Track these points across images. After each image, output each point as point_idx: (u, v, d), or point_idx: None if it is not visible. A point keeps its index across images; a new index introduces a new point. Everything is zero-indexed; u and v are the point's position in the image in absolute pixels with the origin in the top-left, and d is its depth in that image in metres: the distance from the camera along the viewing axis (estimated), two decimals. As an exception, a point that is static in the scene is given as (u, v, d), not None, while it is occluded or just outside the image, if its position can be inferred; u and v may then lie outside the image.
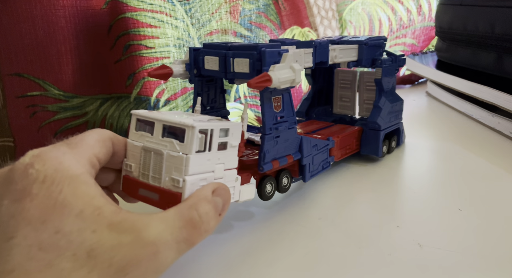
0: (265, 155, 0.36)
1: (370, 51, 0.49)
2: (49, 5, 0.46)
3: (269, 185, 0.38)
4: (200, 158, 0.29)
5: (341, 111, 0.58)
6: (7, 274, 0.21)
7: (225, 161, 0.32)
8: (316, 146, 0.43)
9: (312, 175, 0.43)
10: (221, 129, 0.31)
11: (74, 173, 0.25)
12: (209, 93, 0.41)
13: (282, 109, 0.37)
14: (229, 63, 0.36)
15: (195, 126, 0.29)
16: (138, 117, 0.32)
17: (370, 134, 0.50)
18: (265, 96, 0.35)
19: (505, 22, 0.55)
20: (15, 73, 0.47)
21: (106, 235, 0.23)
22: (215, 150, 0.31)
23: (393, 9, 0.78)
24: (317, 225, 0.39)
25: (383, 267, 0.32)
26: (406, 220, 0.38)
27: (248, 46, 0.35)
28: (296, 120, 0.39)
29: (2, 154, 0.48)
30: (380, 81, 0.50)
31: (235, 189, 0.34)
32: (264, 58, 0.34)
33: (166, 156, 0.29)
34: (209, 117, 0.34)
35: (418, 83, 0.81)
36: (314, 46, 0.41)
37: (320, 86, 0.57)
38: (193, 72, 0.39)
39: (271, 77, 0.33)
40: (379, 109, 0.49)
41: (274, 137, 0.37)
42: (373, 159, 0.51)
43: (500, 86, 0.55)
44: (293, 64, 0.34)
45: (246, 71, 0.35)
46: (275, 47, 0.35)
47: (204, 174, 0.30)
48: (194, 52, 0.38)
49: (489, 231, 0.35)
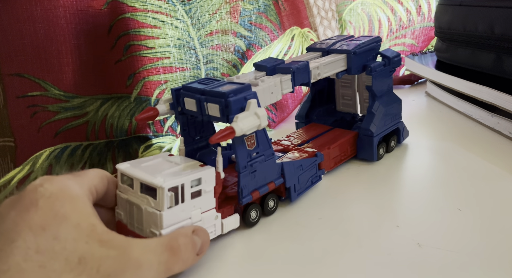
0: (243, 190, 0.37)
1: (360, 58, 0.48)
2: (49, 5, 0.47)
3: (254, 212, 0.39)
4: (173, 212, 0.32)
5: (344, 109, 0.58)
6: (3, 273, 0.23)
7: (202, 206, 0.35)
8: (301, 166, 0.43)
9: (299, 193, 0.43)
10: (193, 180, 0.33)
11: (76, 194, 0.28)
12: (196, 125, 0.43)
13: (256, 145, 0.38)
14: (204, 107, 0.37)
15: (163, 187, 0.31)
16: (121, 172, 0.35)
17: (365, 140, 0.50)
18: (236, 140, 0.36)
19: (505, 22, 0.55)
20: (15, 73, 0.47)
21: (96, 248, 0.26)
22: (188, 200, 0.33)
23: (393, 10, 0.78)
24: (317, 225, 0.39)
25: (382, 266, 0.32)
26: (406, 220, 0.38)
27: (217, 93, 0.36)
28: (273, 151, 0.40)
29: (2, 154, 0.49)
30: (371, 88, 0.49)
31: (216, 226, 0.36)
32: (229, 106, 0.35)
33: (144, 211, 0.33)
34: (187, 164, 0.35)
35: (418, 83, 0.81)
36: (292, 73, 0.41)
37: (321, 86, 0.57)
38: (177, 110, 0.41)
39: (234, 129, 0.34)
40: (372, 115, 0.49)
41: (250, 173, 0.38)
42: (366, 162, 0.51)
43: (500, 86, 0.55)
44: (257, 110, 0.36)
45: (217, 115, 0.36)
46: (243, 91, 0.36)
47: (181, 223, 0.33)
48: (176, 92, 0.40)
49: (488, 231, 0.36)
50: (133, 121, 0.54)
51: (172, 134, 0.56)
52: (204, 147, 0.43)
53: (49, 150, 0.50)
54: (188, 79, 0.56)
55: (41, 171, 0.50)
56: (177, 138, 0.57)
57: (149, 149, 0.55)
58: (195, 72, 0.57)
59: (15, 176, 0.49)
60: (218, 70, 0.59)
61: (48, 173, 0.50)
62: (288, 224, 0.39)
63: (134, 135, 0.54)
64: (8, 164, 0.49)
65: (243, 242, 0.37)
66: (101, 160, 0.53)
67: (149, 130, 0.55)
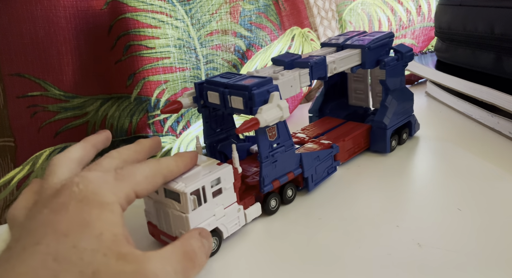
0: (264, 179, 0.39)
1: (374, 53, 0.49)
2: (49, 5, 0.47)
3: (273, 201, 0.41)
4: (198, 212, 0.34)
5: (356, 103, 0.59)
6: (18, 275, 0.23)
7: (224, 202, 0.36)
8: (318, 157, 0.44)
9: (316, 183, 0.45)
10: (212, 181, 0.35)
11: (107, 201, 0.28)
12: (217, 118, 0.44)
13: (277, 136, 0.39)
14: (227, 99, 0.38)
15: (186, 192, 0.32)
16: None
17: (378, 133, 0.51)
18: (258, 131, 0.38)
19: (505, 22, 0.55)
20: (15, 73, 0.47)
21: (113, 262, 0.25)
22: (210, 199, 0.35)
23: (393, 10, 0.78)
24: (317, 225, 0.39)
25: (382, 266, 0.32)
26: (406, 220, 0.38)
27: (241, 86, 0.37)
28: (293, 142, 0.41)
29: (2, 154, 0.49)
30: (385, 82, 0.50)
31: (240, 217, 0.38)
32: (253, 99, 0.36)
33: (171, 214, 0.34)
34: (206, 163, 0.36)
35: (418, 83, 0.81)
36: (310, 67, 0.42)
37: (334, 80, 0.58)
38: (200, 103, 0.42)
39: (258, 120, 0.35)
40: (385, 108, 0.50)
41: (271, 163, 0.39)
42: (372, 159, 0.51)
43: (500, 86, 0.55)
44: (280, 102, 0.37)
45: (241, 108, 0.37)
46: (265, 84, 0.37)
47: (206, 221, 0.34)
48: (199, 86, 0.41)
49: (488, 231, 0.36)
50: (133, 121, 0.54)
51: (172, 134, 0.56)
52: (224, 139, 0.45)
53: (49, 150, 0.50)
54: (188, 79, 0.56)
55: (41, 171, 0.50)
56: (177, 138, 0.57)
57: (149, 149, 0.54)
58: (195, 72, 0.57)
59: (15, 176, 0.49)
60: (218, 70, 0.59)
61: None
62: (288, 224, 0.40)
63: (134, 135, 0.54)
64: (8, 164, 0.49)
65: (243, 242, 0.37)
66: (101, 160, 0.53)
67: (149, 130, 0.55)
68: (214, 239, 0.35)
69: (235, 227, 0.37)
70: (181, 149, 0.57)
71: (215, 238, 0.36)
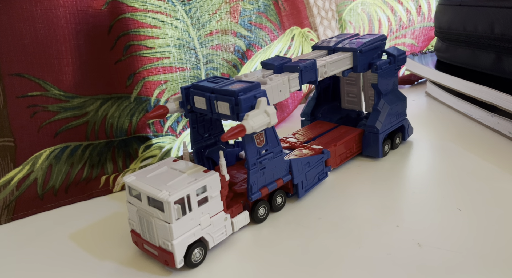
0: (252, 187, 0.38)
1: (366, 57, 0.49)
2: (49, 5, 0.47)
3: (262, 209, 0.40)
4: (182, 222, 0.33)
5: (349, 106, 0.59)
6: None
7: (210, 211, 0.35)
8: (308, 163, 0.44)
9: (306, 189, 0.44)
10: (198, 189, 0.34)
11: None
12: (205, 123, 0.43)
13: (265, 142, 0.39)
14: (214, 105, 0.38)
15: (169, 201, 0.32)
16: (128, 185, 0.36)
17: (370, 137, 0.50)
18: (246, 137, 0.37)
19: (504, 22, 0.55)
20: (15, 73, 0.47)
21: None
22: (196, 208, 0.34)
23: (393, 10, 0.78)
24: (317, 225, 0.39)
25: (382, 266, 0.32)
26: (406, 220, 0.38)
27: (227, 91, 0.36)
28: (282, 148, 0.40)
29: (2, 154, 0.48)
30: (377, 86, 0.50)
31: (226, 226, 0.37)
32: (240, 104, 0.35)
33: (155, 223, 0.33)
34: (191, 170, 0.35)
35: (418, 83, 0.81)
36: (300, 71, 0.42)
37: (326, 84, 0.57)
38: (186, 108, 0.41)
39: (245, 127, 0.34)
40: (378, 113, 0.50)
41: (259, 170, 0.38)
42: (372, 159, 0.51)
43: (499, 86, 0.55)
44: (267, 108, 0.36)
45: (227, 113, 0.37)
46: (252, 89, 0.36)
47: (191, 230, 0.34)
48: (185, 91, 0.41)
49: (488, 230, 0.36)
50: (133, 121, 0.54)
51: (172, 134, 0.56)
52: (212, 145, 0.44)
53: (49, 150, 0.50)
54: (188, 79, 0.56)
55: (41, 171, 0.50)
56: (177, 138, 0.57)
57: (149, 149, 0.55)
58: (195, 72, 0.57)
59: (15, 176, 0.49)
60: (218, 70, 0.59)
61: (48, 173, 0.50)
62: (288, 224, 0.39)
63: (134, 135, 0.54)
64: (8, 164, 0.49)
65: (243, 242, 0.37)
66: (101, 160, 0.53)
67: (149, 130, 0.55)
68: (199, 249, 0.34)
69: (221, 237, 0.36)
70: (181, 149, 0.57)
71: (200, 248, 0.34)
